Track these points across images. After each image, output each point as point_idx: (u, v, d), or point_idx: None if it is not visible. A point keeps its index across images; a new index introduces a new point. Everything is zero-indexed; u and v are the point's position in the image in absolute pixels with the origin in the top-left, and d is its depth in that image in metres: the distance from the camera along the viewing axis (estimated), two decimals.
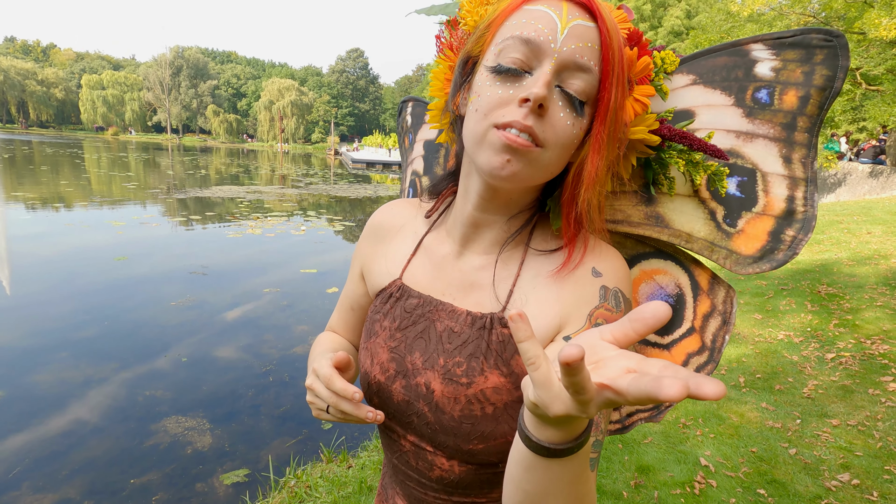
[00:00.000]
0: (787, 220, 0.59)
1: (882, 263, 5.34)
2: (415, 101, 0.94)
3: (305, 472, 2.41)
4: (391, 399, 0.59)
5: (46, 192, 12.56)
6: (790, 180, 0.59)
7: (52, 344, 4.09)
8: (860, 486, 2.05)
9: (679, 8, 16.92)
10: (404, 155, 0.98)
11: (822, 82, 0.56)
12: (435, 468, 0.58)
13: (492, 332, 0.54)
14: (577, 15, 0.47)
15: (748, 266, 0.61)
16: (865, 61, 12.39)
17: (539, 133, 0.46)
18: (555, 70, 0.46)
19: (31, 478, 2.55)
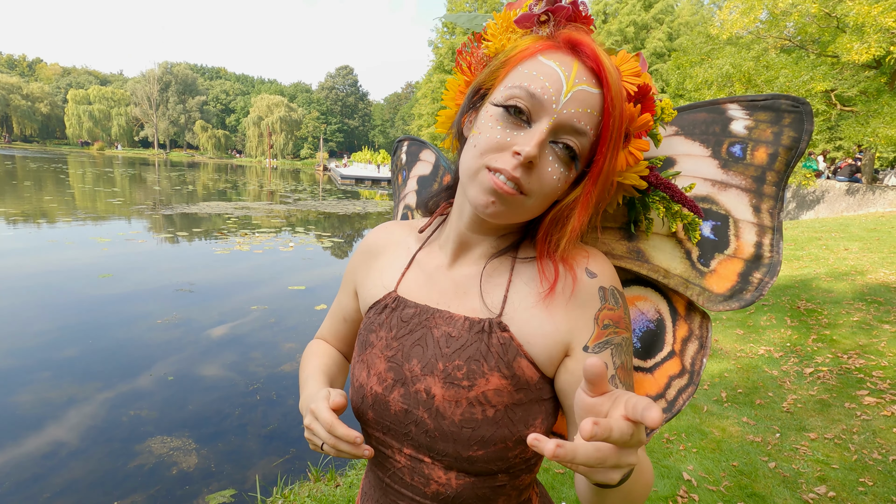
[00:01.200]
0: (755, 264, 0.65)
1: (858, 279, 5.50)
2: (410, 140, 1.00)
3: (293, 491, 2.40)
4: (388, 410, 0.59)
5: (29, 207, 12.40)
6: (759, 228, 0.65)
7: (34, 363, 4.03)
8: (836, 499, 2.11)
9: (661, 31, 17.43)
10: (397, 191, 1.02)
11: (789, 142, 0.63)
12: (432, 482, 0.58)
13: (491, 336, 0.56)
14: (584, 79, 0.49)
15: (719, 304, 0.66)
16: (839, 83, 12.86)
17: (525, 183, 0.50)
18: (551, 129, 0.50)
19: (13, 501, 2.50)
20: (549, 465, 2.44)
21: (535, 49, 0.51)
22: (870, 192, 13.59)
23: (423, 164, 0.97)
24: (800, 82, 12.54)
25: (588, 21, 0.55)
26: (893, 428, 2.62)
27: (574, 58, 0.50)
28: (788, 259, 6.83)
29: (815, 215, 15.09)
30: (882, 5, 10.70)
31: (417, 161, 0.97)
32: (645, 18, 17.48)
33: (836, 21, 12.55)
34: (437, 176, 0.93)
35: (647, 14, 17.56)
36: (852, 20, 11.20)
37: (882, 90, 12.64)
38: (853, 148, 15.39)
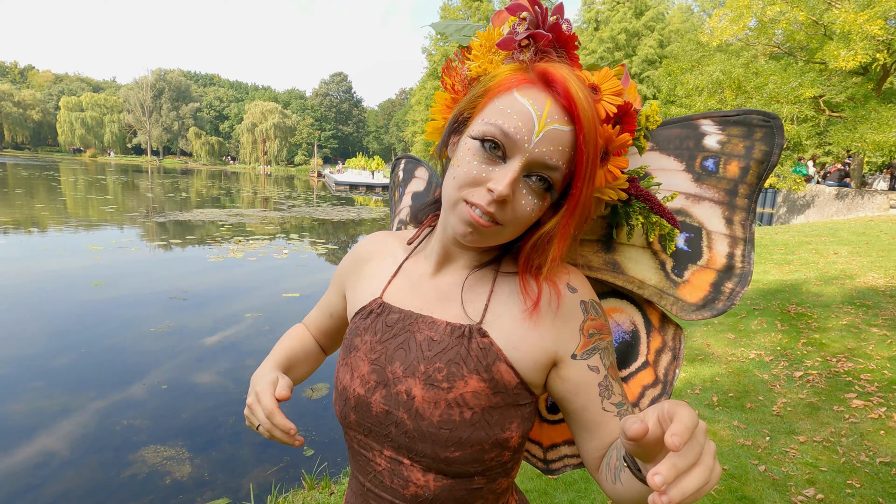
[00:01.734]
0: (727, 274, 0.67)
1: (847, 283, 5.57)
2: (407, 158, 1.05)
3: (287, 499, 2.41)
4: (370, 411, 0.60)
5: (21, 215, 12.31)
6: (731, 239, 0.68)
7: (26, 372, 4.00)
8: (824, 501, 2.14)
9: (652, 38, 17.62)
10: (393, 206, 1.07)
11: (761, 156, 0.65)
12: (410, 484, 0.59)
13: (471, 340, 0.58)
14: (556, 118, 0.50)
15: (692, 313, 0.68)
16: (828, 89, 13.05)
17: (500, 216, 0.52)
18: (523, 167, 0.51)
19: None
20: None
21: (511, 84, 0.53)
22: (859, 197, 13.77)
23: (417, 180, 1.00)
24: (789, 88, 12.71)
25: (571, 41, 0.56)
26: (881, 430, 2.66)
27: (548, 94, 0.51)
28: (779, 263, 6.91)
29: (805, 219, 15.26)
30: (868, 13, 10.89)
31: (413, 178, 1.01)
32: (636, 26, 17.68)
33: (824, 28, 12.75)
34: (430, 191, 0.97)
35: (639, 21, 17.77)
36: (839, 28, 11.39)
37: (869, 96, 12.84)
38: (842, 153, 15.59)
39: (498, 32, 0.57)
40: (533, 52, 0.54)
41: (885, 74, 13.01)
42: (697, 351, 4.04)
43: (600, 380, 0.59)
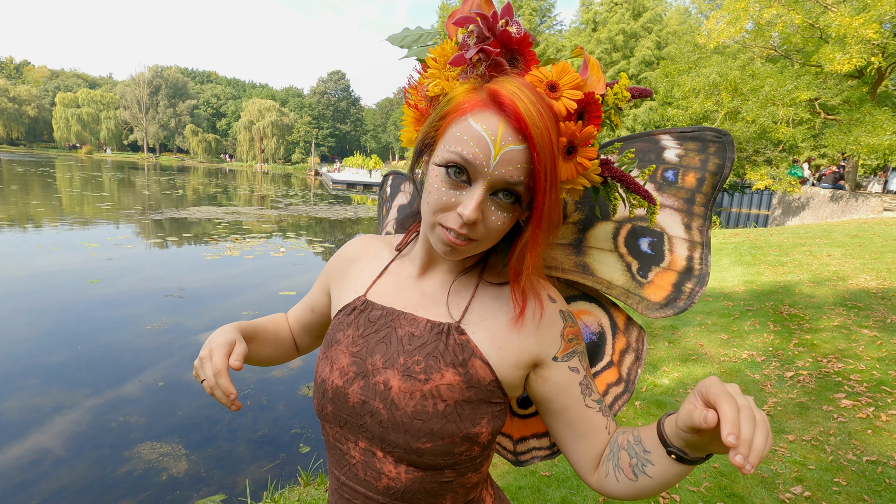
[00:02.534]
0: (687, 275, 0.73)
1: (840, 285, 5.63)
2: (395, 174, 1.09)
3: (283, 495, 2.43)
4: (346, 402, 0.63)
5: (16, 212, 12.26)
6: (690, 243, 0.73)
7: (21, 369, 4.01)
8: (811, 498, 2.18)
9: (650, 39, 17.67)
10: (381, 220, 1.11)
11: (715, 168, 0.71)
12: (383, 476, 0.61)
13: (449, 337, 0.61)
14: (510, 139, 0.52)
15: (656, 311, 0.73)
16: (823, 92, 13.13)
17: (472, 234, 0.56)
18: (486, 189, 0.54)
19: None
20: (536, 467, 2.48)
21: (465, 109, 0.54)
22: (853, 199, 13.87)
23: (403, 194, 1.05)
24: (784, 91, 12.79)
25: (523, 43, 0.56)
26: (868, 430, 2.70)
27: (500, 117, 0.53)
28: (773, 265, 6.96)
29: (800, 221, 15.35)
30: (863, 17, 10.97)
31: (399, 192, 1.06)
32: (634, 27, 17.72)
33: (820, 32, 12.82)
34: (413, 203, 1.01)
35: (636, 23, 17.81)
36: (834, 31, 11.46)
37: (864, 99, 12.93)
38: (837, 155, 15.70)
39: (451, 46, 0.58)
40: (485, 66, 0.55)
41: (879, 78, 13.10)
42: (690, 351, 4.08)
43: (580, 379, 0.64)
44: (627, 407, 3.14)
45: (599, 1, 18.47)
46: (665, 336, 4.49)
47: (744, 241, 9.39)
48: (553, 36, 20.21)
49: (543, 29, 20.64)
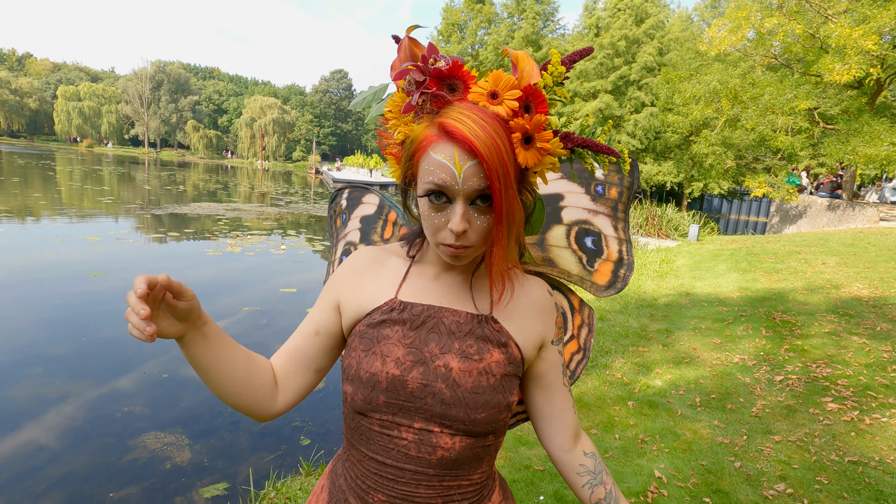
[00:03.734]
0: (619, 264, 0.98)
1: (833, 293, 5.72)
2: (352, 188, 1.16)
3: (285, 484, 2.51)
4: (405, 388, 0.69)
5: (18, 204, 12.32)
6: (618, 240, 0.99)
7: (26, 359, 4.08)
8: (793, 495, 2.26)
9: (652, 45, 17.76)
10: (335, 232, 1.17)
11: (628, 184, 0.98)
12: (438, 449, 0.69)
13: (487, 325, 0.73)
14: (465, 159, 0.62)
15: (602, 292, 0.98)
16: (822, 102, 13.25)
17: (467, 241, 0.66)
18: (464, 202, 0.64)
19: (9, 492, 2.57)
20: (530, 462, 2.57)
21: (425, 146, 0.64)
22: (850, 209, 13.98)
23: (366, 206, 1.12)
24: (784, 100, 12.89)
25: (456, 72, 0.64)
26: (852, 432, 2.79)
27: (452, 144, 0.62)
28: (768, 272, 7.05)
29: (797, 229, 15.46)
30: (863, 28, 11.07)
31: (360, 204, 1.13)
32: (636, 33, 17.81)
33: (820, 42, 12.94)
34: (382, 214, 1.11)
35: (639, 29, 17.91)
36: (834, 42, 11.56)
37: (863, 110, 13.03)
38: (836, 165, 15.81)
39: (400, 96, 0.67)
40: (430, 104, 0.64)
41: (878, 89, 13.21)
42: (684, 354, 4.17)
43: (562, 361, 0.81)
44: (620, 406, 3.22)
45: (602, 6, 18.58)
46: (659, 340, 4.58)
47: (740, 247, 9.49)
48: (556, 40, 20.31)
49: (546, 33, 20.73)
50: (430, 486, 0.70)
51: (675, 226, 13.54)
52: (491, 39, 19.89)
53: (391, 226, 1.08)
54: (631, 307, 5.74)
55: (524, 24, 19.51)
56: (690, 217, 14.92)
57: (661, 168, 16.92)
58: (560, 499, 2.26)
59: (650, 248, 10.82)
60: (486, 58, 19.87)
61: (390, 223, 1.08)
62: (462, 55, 20.99)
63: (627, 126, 16.88)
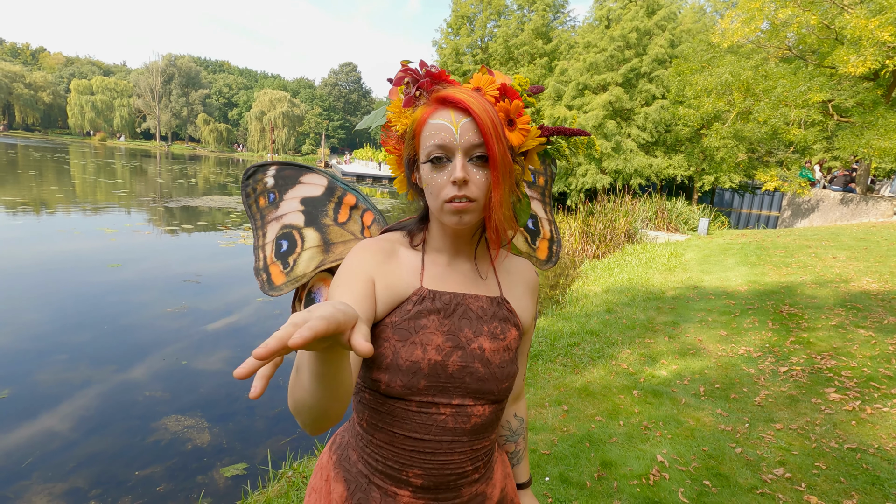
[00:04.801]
0: (552, 241, 1.15)
1: (842, 287, 5.72)
2: (281, 165, 1.05)
3: (301, 464, 2.62)
4: (445, 372, 0.75)
5: (36, 197, 12.58)
6: (548, 221, 1.16)
7: (51, 347, 4.24)
8: (791, 479, 2.33)
9: (663, 37, 17.57)
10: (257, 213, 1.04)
11: (549, 174, 1.18)
12: (472, 419, 0.77)
13: (502, 305, 0.83)
14: (461, 118, 0.71)
15: (544, 265, 1.11)
16: (837, 94, 13.07)
17: (469, 193, 0.72)
18: (462, 155, 0.72)
19: (42, 469, 2.72)
20: (536, 446, 2.66)
21: (425, 117, 0.74)
22: (863, 203, 13.83)
23: (307, 186, 1.04)
24: (797, 92, 12.73)
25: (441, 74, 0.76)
26: (852, 421, 2.84)
27: (448, 108, 0.72)
28: (777, 266, 7.05)
29: (809, 223, 15.32)
30: (879, 19, 10.91)
31: (297, 184, 1.04)
32: (647, 25, 17.63)
33: (835, 33, 12.75)
34: (332, 196, 1.05)
35: (650, 21, 17.72)
36: (850, 33, 11.40)
37: (878, 102, 12.83)
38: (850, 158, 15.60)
39: (399, 99, 0.78)
40: (426, 94, 0.76)
41: (894, 81, 13.01)
42: (689, 345, 4.23)
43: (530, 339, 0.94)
44: (625, 395, 3.30)
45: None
46: (666, 331, 4.64)
47: (750, 241, 9.46)
48: (566, 32, 20.16)
49: (556, 25, 20.59)
50: (462, 452, 0.78)
51: (684, 219, 13.49)
52: (500, 32, 19.79)
53: (347, 209, 1.04)
54: (638, 300, 5.79)
55: (534, 17, 19.38)
56: (700, 211, 14.84)
57: (671, 161, 16.82)
58: (565, 480, 2.35)
59: (659, 242, 10.81)
60: (495, 50, 19.77)
61: (346, 206, 1.04)
62: (471, 48, 20.90)
63: (638, 119, 16.78)
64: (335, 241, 1.02)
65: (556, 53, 19.36)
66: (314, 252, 1.01)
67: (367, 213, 1.03)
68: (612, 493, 2.25)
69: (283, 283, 1.01)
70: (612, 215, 12.10)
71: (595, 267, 8.23)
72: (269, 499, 2.32)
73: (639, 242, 10.98)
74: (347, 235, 1.03)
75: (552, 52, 19.36)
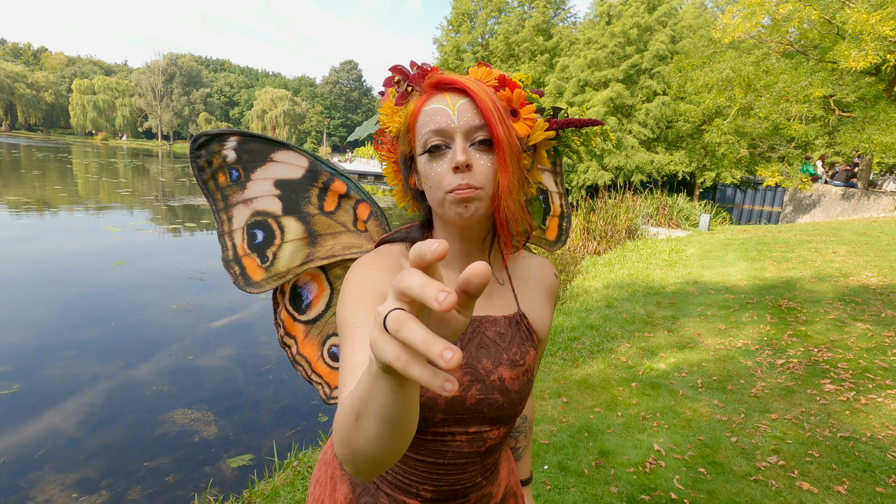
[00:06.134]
0: (563, 218, 1.06)
1: (841, 281, 5.76)
2: (244, 136, 0.90)
3: (306, 454, 2.69)
4: (463, 405, 0.70)
5: (39, 196, 12.67)
6: (559, 194, 1.07)
7: (59, 343, 4.31)
8: (785, 466, 2.38)
9: (664, 33, 17.56)
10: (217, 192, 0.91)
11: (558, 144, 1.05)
12: (488, 442, 0.73)
13: (520, 325, 0.75)
14: (457, 99, 0.65)
15: (552, 247, 1.05)
16: (838, 89, 13.05)
17: (472, 181, 0.64)
18: (462, 138, 0.64)
19: (53, 460, 2.79)
20: (536, 437, 2.71)
21: (418, 106, 0.67)
22: (865, 198, 13.82)
23: (281, 166, 0.91)
24: (798, 87, 12.73)
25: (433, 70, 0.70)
26: (846, 411, 2.90)
27: (442, 92, 0.66)
28: (777, 261, 7.09)
29: (810, 219, 15.32)
30: (880, 14, 10.90)
31: (268, 162, 0.91)
32: (648, 21, 17.62)
33: (836, 28, 12.73)
34: (316, 181, 0.92)
35: (651, 17, 17.71)
36: (851, 28, 11.39)
37: (879, 97, 12.81)
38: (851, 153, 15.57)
39: (390, 101, 0.73)
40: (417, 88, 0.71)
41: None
42: (688, 339, 4.28)
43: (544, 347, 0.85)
44: (624, 387, 3.35)
45: None
46: (665, 326, 4.69)
47: (751, 237, 9.50)
48: (567, 29, 20.15)
49: (557, 22, 20.58)
50: (475, 469, 0.74)
51: (686, 215, 13.52)
52: (501, 29, 19.80)
53: (335, 197, 0.94)
54: (638, 295, 5.84)
55: (535, 13, 19.38)
56: (702, 207, 14.86)
57: (672, 157, 16.84)
58: (563, 468, 2.41)
59: (660, 238, 10.85)
60: (496, 47, 19.78)
61: (334, 194, 0.93)
62: (472, 45, 20.91)
63: (639, 115, 16.79)
64: (322, 233, 0.93)
65: (556, 50, 19.36)
66: (298, 245, 0.92)
67: (361, 205, 0.93)
68: (609, 480, 2.31)
69: (262, 278, 0.91)
70: (613, 212, 12.14)
71: (596, 263, 8.28)
72: (275, 487, 2.39)
73: (640, 239, 11.02)
74: (337, 227, 0.94)
75: (553, 48, 19.36)
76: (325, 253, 0.92)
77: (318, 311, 1.00)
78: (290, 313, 1.00)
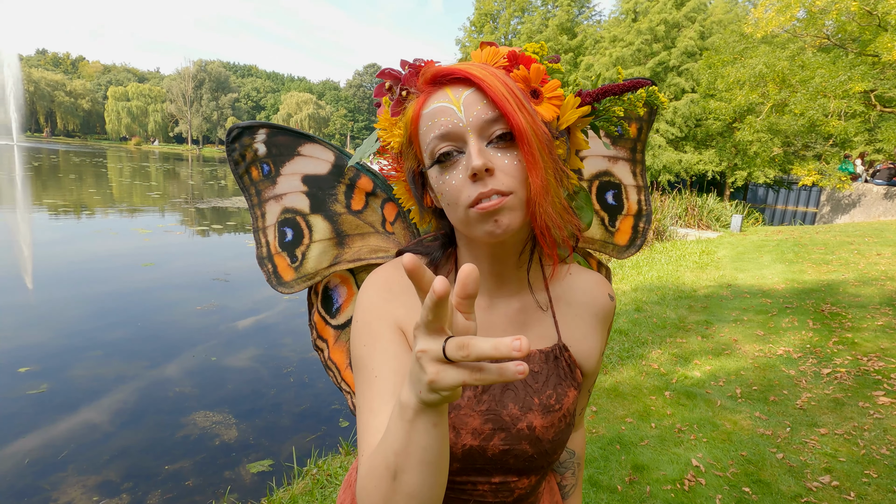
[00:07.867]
0: (639, 217, 0.87)
1: (888, 285, 5.43)
2: (272, 128, 0.86)
3: (326, 462, 2.62)
4: (484, 455, 0.60)
5: (75, 199, 13.08)
6: (637, 188, 0.87)
7: (86, 343, 4.37)
8: (839, 487, 2.19)
9: (693, 29, 17.10)
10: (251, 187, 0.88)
11: (647, 116, 0.84)
12: (516, 491, 0.63)
13: (560, 360, 0.64)
14: (461, 91, 0.54)
15: (623, 253, 0.87)
16: (881, 83, 12.46)
17: (500, 186, 0.52)
18: (476, 137, 0.53)
19: (77, 461, 2.79)
20: None
21: (416, 110, 0.57)
22: None
23: (308, 160, 0.86)
24: (837, 82, 12.21)
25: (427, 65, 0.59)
26: None
27: (441, 86, 0.55)
28: (817, 263, 6.75)
29: (850, 219, 14.65)
30: None
31: (296, 156, 0.86)
32: (676, 17, 17.18)
33: (878, 19, 12.16)
34: (342, 177, 0.86)
35: (679, 12, 17.26)
36: (893, 18, 10.86)
37: None
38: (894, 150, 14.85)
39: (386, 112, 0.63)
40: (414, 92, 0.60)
41: None
42: (724, 345, 4.06)
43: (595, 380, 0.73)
44: (657, 396, 3.18)
45: None
46: (698, 331, 4.48)
47: (787, 238, 9.10)
48: (591, 27, 19.83)
49: (581, 20, 20.28)
50: None
51: (716, 216, 13.08)
52: (524, 28, 19.62)
53: (363, 195, 0.86)
54: (669, 298, 5.62)
55: (558, 12, 19.14)
56: (733, 207, 14.37)
57: (701, 157, 16.35)
58: (595, 483, 2.26)
59: (689, 239, 10.51)
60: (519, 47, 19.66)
61: (361, 192, 0.86)
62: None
63: (666, 114, 16.37)
64: (350, 234, 0.86)
65: (581, 49, 19.06)
66: (326, 246, 0.86)
67: (388, 204, 0.85)
68: (644, 499, 2.16)
69: (292, 279, 0.88)
70: None
71: (623, 265, 8.04)
72: (293, 496, 2.32)
73: (668, 240, 10.69)
74: (365, 227, 0.86)
75: (577, 47, 19.07)
76: (351, 255, 0.86)
77: (347, 315, 0.93)
78: (321, 316, 0.95)
